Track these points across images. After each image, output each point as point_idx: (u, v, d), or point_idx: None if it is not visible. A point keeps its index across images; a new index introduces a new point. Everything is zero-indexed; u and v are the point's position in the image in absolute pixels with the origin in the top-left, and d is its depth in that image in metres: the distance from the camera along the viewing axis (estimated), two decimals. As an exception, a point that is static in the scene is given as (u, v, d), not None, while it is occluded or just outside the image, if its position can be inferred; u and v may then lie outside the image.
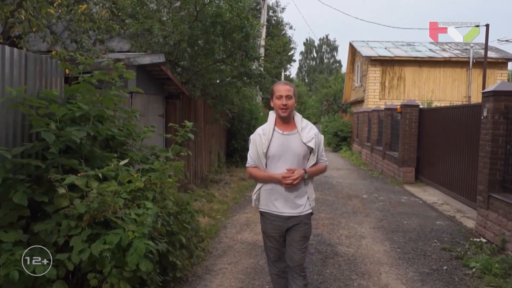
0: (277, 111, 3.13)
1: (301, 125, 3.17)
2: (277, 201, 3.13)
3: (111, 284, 3.18)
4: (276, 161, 3.11)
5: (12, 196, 3.04)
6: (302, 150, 3.11)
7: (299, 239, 3.15)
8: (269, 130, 3.15)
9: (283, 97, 3.07)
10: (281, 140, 3.13)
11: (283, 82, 3.20)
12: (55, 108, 3.39)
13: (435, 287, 4.31)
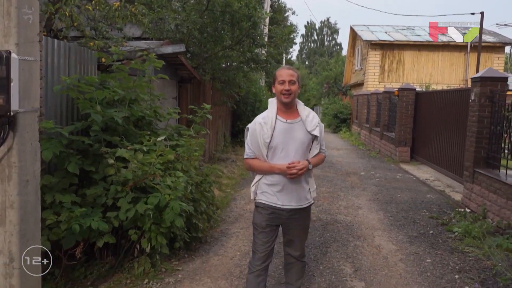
0: (279, 97, 2.93)
1: (305, 113, 2.99)
2: (279, 193, 2.95)
3: (148, 239, 3.86)
4: (279, 151, 2.92)
5: (67, 166, 3.68)
6: (306, 139, 2.95)
7: (299, 230, 3.07)
8: (272, 118, 2.94)
9: (286, 82, 2.88)
10: (285, 128, 2.93)
11: (286, 67, 3.02)
12: (99, 93, 4.01)
13: (421, 247, 5.00)
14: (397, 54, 22.50)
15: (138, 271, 3.87)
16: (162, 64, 4.71)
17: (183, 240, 4.24)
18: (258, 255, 3.04)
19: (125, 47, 5.92)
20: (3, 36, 2.65)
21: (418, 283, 4.02)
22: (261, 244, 3.03)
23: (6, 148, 2.71)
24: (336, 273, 4.22)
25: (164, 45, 6.43)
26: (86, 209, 3.56)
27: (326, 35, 73.14)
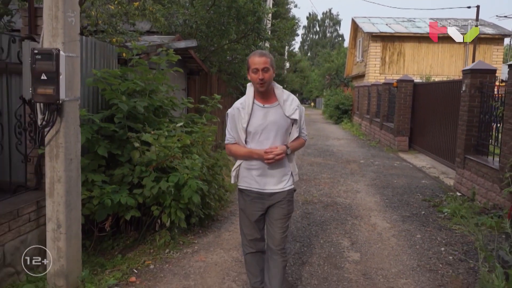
0: (255, 85, 2.91)
1: (283, 97, 2.97)
2: (259, 177, 2.97)
3: (168, 214, 4.37)
4: (257, 135, 2.94)
5: (97, 149, 4.17)
6: (284, 123, 2.95)
7: (281, 217, 3.02)
8: (249, 104, 2.94)
9: (259, 70, 2.82)
10: (262, 113, 2.94)
11: (259, 53, 2.91)
12: (124, 85, 4.49)
13: (413, 225, 5.49)
14: (397, 46, 22.79)
15: (160, 243, 4.38)
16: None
17: (198, 216, 4.74)
18: (248, 238, 3.12)
19: (139, 42, 6.39)
20: (51, 36, 3.12)
21: (408, 254, 4.52)
22: (246, 229, 3.10)
23: (54, 131, 3.20)
24: (335, 246, 4.72)
25: (175, 39, 6.89)
26: (115, 186, 4.06)
27: (328, 26, 73.17)
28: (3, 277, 3.38)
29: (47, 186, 3.27)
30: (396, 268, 4.15)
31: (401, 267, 4.17)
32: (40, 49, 3.07)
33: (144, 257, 4.14)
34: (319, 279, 3.86)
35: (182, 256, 4.27)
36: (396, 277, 3.95)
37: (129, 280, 3.68)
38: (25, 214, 3.61)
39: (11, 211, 3.45)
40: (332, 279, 3.86)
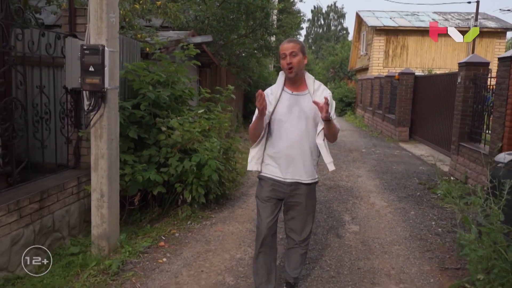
0: (284, 71, 2.89)
1: (314, 86, 2.93)
2: (283, 166, 2.91)
3: (190, 190, 4.95)
4: (283, 122, 2.89)
5: (128, 133, 4.75)
6: (312, 112, 2.86)
7: (302, 211, 2.99)
8: (278, 90, 2.93)
9: (287, 55, 2.81)
10: (290, 100, 2.90)
11: (287, 40, 2.91)
12: (150, 76, 5.06)
13: (408, 204, 6.05)
14: (401, 40, 23.16)
15: (182, 216, 4.97)
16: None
17: (215, 194, 5.32)
18: (260, 230, 3.00)
19: (157, 37, 6.95)
20: (97, 34, 3.69)
21: (402, 226, 5.09)
22: (263, 219, 2.98)
23: (99, 115, 3.78)
24: (337, 220, 5.29)
25: (190, 35, 7.44)
26: (144, 165, 4.64)
27: (332, 19, 73.20)
28: (52, 240, 3.97)
29: (92, 161, 3.85)
30: (391, 237, 4.71)
31: (395, 236, 4.74)
32: (89, 45, 3.64)
33: (169, 227, 4.73)
34: (323, 245, 4.44)
35: (202, 227, 4.85)
36: (390, 244, 4.51)
37: (159, 245, 4.27)
38: (69, 188, 4.20)
39: (58, 185, 4.04)
40: (334, 246, 4.44)
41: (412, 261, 4.09)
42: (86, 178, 4.41)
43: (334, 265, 3.95)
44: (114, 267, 3.60)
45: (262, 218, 2.99)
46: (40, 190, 3.77)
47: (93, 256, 3.82)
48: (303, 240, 3.08)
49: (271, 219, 2.98)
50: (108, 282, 3.45)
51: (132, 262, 3.84)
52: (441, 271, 3.89)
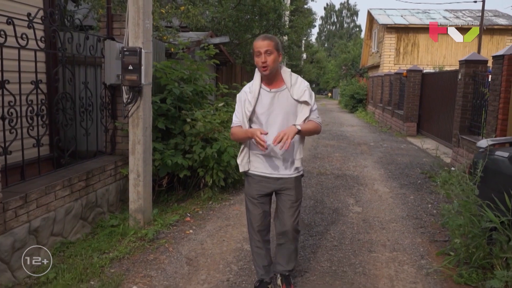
0: (259, 69, 2.86)
1: (291, 81, 2.91)
2: (267, 162, 2.98)
3: (211, 174, 5.59)
4: (264, 120, 2.90)
5: (157, 124, 5.40)
6: (292, 107, 2.90)
7: (290, 205, 3.02)
8: (255, 88, 2.90)
9: (262, 53, 2.77)
10: (269, 97, 2.89)
11: (262, 37, 2.85)
12: (175, 73, 5.70)
13: (408, 190, 6.62)
14: (412, 37, 23.46)
15: (204, 197, 5.62)
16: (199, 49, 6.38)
17: (233, 178, 5.95)
18: (254, 227, 3.08)
19: (179, 38, 7.61)
20: (134, 38, 4.34)
21: (400, 208, 5.66)
22: (253, 217, 3.07)
23: (136, 107, 4.43)
24: (342, 203, 5.88)
25: (208, 36, 8.09)
26: (172, 151, 5.29)
27: (345, 17, 73.28)
28: (95, 214, 4.64)
29: (130, 146, 4.51)
30: (389, 217, 5.30)
31: (393, 216, 5.32)
32: (128, 47, 4.29)
33: (193, 206, 5.38)
34: (328, 222, 5.04)
35: (222, 206, 5.50)
36: (388, 222, 5.10)
37: (185, 220, 4.92)
38: (108, 170, 4.87)
39: (100, 167, 4.71)
40: (338, 222, 5.04)
41: (406, 235, 4.67)
42: (121, 162, 5.08)
43: (337, 237, 4.55)
44: (150, 235, 4.26)
45: (252, 217, 3.07)
46: (86, 171, 4.44)
47: (130, 227, 4.48)
48: (292, 233, 3.06)
49: (261, 216, 3.06)
50: (146, 246, 4.11)
51: (164, 232, 4.50)
52: (430, 242, 4.46)
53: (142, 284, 3.40)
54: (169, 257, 3.92)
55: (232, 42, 10.64)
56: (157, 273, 3.59)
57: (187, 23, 9.98)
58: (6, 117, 3.53)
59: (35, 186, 3.72)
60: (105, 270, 3.57)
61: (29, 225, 3.57)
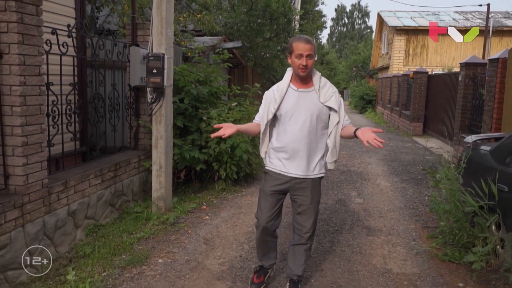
0: (296, 70, 2.90)
1: (319, 83, 2.96)
2: (286, 161, 2.99)
3: (225, 168, 6.12)
4: (287, 118, 2.94)
5: (176, 122, 5.94)
6: (317, 109, 2.92)
7: (305, 206, 3.02)
8: (284, 86, 2.97)
9: (303, 56, 2.82)
10: (295, 96, 2.94)
11: (304, 39, 2.88)
12: (192, 76, 6.25)
13: (408, 185, 7.08)
14: (421, 39, 23.69)
15: (218, 189, 6.15)
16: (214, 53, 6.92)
17: (244, 172, 6.47)
18: (260, 221, 3.12)
19: (194, 43, 8.17)
20: (158, 45, 4.89)
21: (399, 200, 6.13)
22: (263, 209, 3.09)
23: (159, 106, 4.98)
24: (345, 195, 6.37)
25: (221, 40, 8.64)
26: (190, 146, 5.83)
27: (357, 18, 73.35)
28: (121, 202, 5.19)
29: (153, 141, 5.06)
30: (388, 207, 5.77)
31: (392, 206, 5.80)
32: (153, 53, 4.84)
33: (208, 197, 5.92)
34: (331, 211, 5.54)
35: (234, 197, 6.02)
36: (386, 211, 5.58)
37: (202, 208, 5.46)
38: (133, 163, 5.42)
39: (125, 160, 5.26)
40: (340, 211, 5.53)
41: (401, 222, 5.15)
42: (144, 156, 5.63)
43: (339, 223, 5.05)
44: (171, 220, 4.81)
45: (263, 212, 3.09)
46: (114, 162, 5.00)
47: (153, 213, 5.03)
48: (306, 234, 3.08)
49: (271, 213, 3.07)
50: (168, 229, 4.65)
51: (183, 217, 5.05)
52: (423, 228, 4.94)
53: (166, 258, 3.93)
54: (188, 238, 4.46)
55: (244, 45, 11.17)
56: (179, 250, 4.13)
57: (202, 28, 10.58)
58: (50, 114, 4.09)
59: (72, 175, 4.28)
60: (134, 247, 4.12)
61: (68, 208, 4.13)
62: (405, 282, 3.59)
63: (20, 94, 3.41)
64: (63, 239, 4.05)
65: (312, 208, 3.04)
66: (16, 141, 3.46)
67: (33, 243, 3.62)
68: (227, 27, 10.48)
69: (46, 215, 3.81)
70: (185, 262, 3.86)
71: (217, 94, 6.92)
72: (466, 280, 3.61)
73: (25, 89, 3.46)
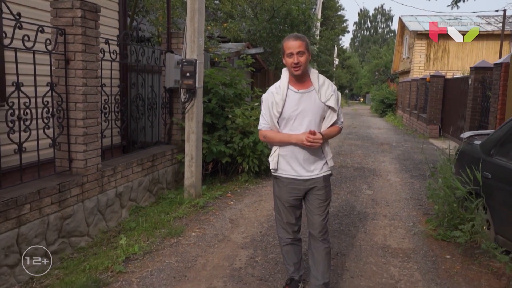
0: (290, 69, 2.86)
1: (318, 82, 2.91)
2: (294, 164, 2.94)
3: (248, 161, 6.83)
4: (291, 121, 2.89)
5: (205, 119, 6.69)
6: (320, 109, 2.89)
7: (318, 205, 2.99)
8: (283, 89, 2.89)
9: (294, 54, 2.77)
10: (296, 98, 2.88)
11: (293, 36, 2.86)
12: (219, 78, 7.00)
13: (417, 180, 7.64)
14: (442, 43, 23.89)
15: (241, 180, 6.87)
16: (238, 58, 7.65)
17: (265, 165, 7.17)
18: (282, 224, 3.10)
19: (221, 49, 8.94)
20: (191, 52, 5.65)
21: (406, 192, 6.72)
22: (283, 214, 3.06)
23: (191, 105, 5.73)
24: (357, 187, 6.99)
25: (245, 46, 9.38)
26: (217, 141, 6.58)
27: (380, 22, 73.26)
28: (157, 189, 5.96)
29: (186, 135, 5.82)
30: (394, 198, 6.38)
31: (398, 197, 6.40)
32: (186, 59, 5.60)
33: (233, 186, 6.64)
34: (342, 200, 6.18)
35: (256, 187, 6.73)
36: (393, 202, 6.18)
37: (227, 195, 6.18)
38: (167, 155, 6.19)
39: (161, 152, 6.03)
40: (351, 200, 6.17)
41: (404, 210, 5.76)
42: (176, 150, 6.39)
43: (348, 210, 5.69)
44: (201, 203, 5.55)
45: (284, 219, 3.08)
46: (152, 154, 5.77)
47: (185, 198, 5.78)
48: (322, 233, 3.03)
49: (293, 219, 3.07)
50: (198, 211, 5.39)
51: (211, 202, 5.78)
52: (423, 215, 5.54)
53: (198, 232, 4.67)
54: (216, 218, 5.18)
55: (266, 51, 11.89)
56: (208, 227, 4.86)
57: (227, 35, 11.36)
58: (103, 111, 4.89)
59: (119, 162, 5.06)
60: (170, 223, 4.87)
61: (116, 190, 4.91)
62: (401, 254, 4.22)
63: (82, 93, 4.20)
64: (112, 215, 4.83)
65: (325, 206, 3.02)
66: (79, 132, 4.25)
67: (89, 216, 4.41)
68: (250, 34, 11.22)
69: (100, 194, 4.59)
70: (214, 236, 4.58)
71: (241, 96, 7.64)
72: (453, 254, 4.22)
73: (86, 89, 4.25)
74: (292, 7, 10.89)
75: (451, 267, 3.92)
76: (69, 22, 4.11)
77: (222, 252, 4.15)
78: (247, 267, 3.83)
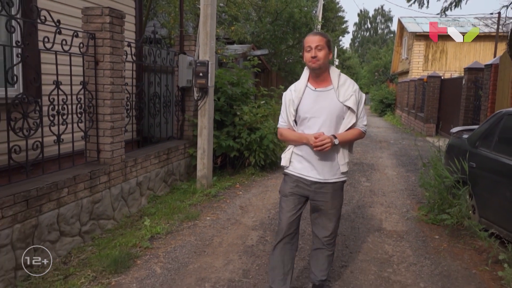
0: (308, 64, 2.78)
1: (338, 81, 2.81)
2: (308, 164, 2.84)
3: (254, 156, 7.33)
4: (306, 119, 2.81)
5: (214, 116, 7.19)
6: (336, 109, 2.77)
7: (325, 211, 2.89)
8: (301, 86, 2.85)
9: (312, 48, 2.71)
10: (313, 97, 2.81)
11: (313, 33, 2.83)
12: (227, 78, 7.50)
13: (412, 174, 8.14)
14: (440, 44, 24.32)
15: (248, 173, 7.37)
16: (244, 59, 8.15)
17: (271, 159, 7.67)
18: (281, 225, 2.94)
19: (227, 50, 9.45)
20: (203, 54, 6.15)
21: (401, 184, 7.22)
22: (284, 213, 2.92)
23: (203, 102, 6.24)
24: (355, 180, 7.50)
25: (250, 48, 9.88)
26: (226, 136, 7.08)
27: (380, 23, 73.66)
28: (171, 180, 6.46)
29: (198, 130, 6.32)
30: (391, 189, 6.88)
31: (394, 188, 6.90)
32: (199, 60, 6.10)
33: (240, 179, 7.14)
34: (342, 191, 6.67)
35: (262, 179, 7.23)
36: (389, 192, 6.68)
37: (236, 186, 6.69)
38: (180, 149, 6.69)
39: (175, 146, 6.53)
40: (350, 191, 6.67)
41: (400, 199, 6.26)
42: (188, 144, 6.89)
43: (347, 199, 6.19)
44: (213, 193, 6.05)
45: (283, 212, 2.93)
46: (167, 147, 6.26)
47: (197, 189, 6.28)
48: (328, 240, 2.97)
49: (292, 213, 2.90)
50: (211, 199, 5.89)
51: (222, 192, 6.28)
52: (417, 203, 6.04)
53: (212, 216, 5.17)
54: (227, 205, 5.69)
55: (269, 52, 12.40)
56: (221, 212, 5.36)
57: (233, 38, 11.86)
58: (125, 107, 5.39)
59: (139, 154, 5.56)
60: (186, 209, 5.37)
61: (137, 179, 5.41)
62: (395, 235, 4.72)
63: (110, 91, 4.70)
64: (133, 202, 5.33)
65: (332, 213, 2.90)
66: (106, 126, 4.75)
67: (115, 202, 4.91)
68: (254, 36, 11.73)
69: (123, 183, 5.09)
70: (227, 220, 5.09)
71: (247, 94, 8.15)
72: (441, 234, 4.72)
73: (113, 88, 4.75)
74: (295, 10, 11.40)
75: (439, 245, 4.42)
76: (98, 28, 4.61)
77: (235, 233, 4.65)
78: (258, 244, 4.33)
